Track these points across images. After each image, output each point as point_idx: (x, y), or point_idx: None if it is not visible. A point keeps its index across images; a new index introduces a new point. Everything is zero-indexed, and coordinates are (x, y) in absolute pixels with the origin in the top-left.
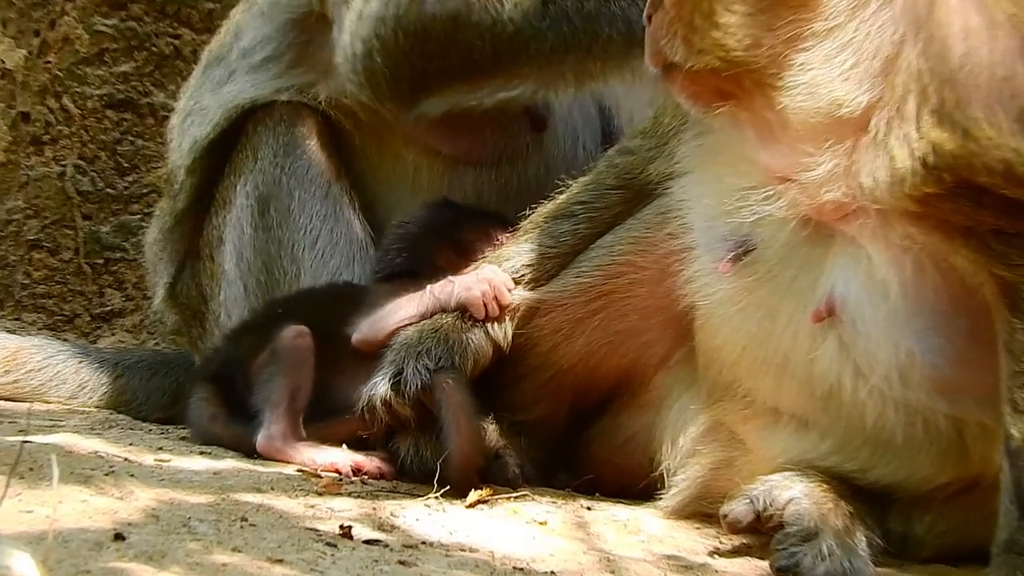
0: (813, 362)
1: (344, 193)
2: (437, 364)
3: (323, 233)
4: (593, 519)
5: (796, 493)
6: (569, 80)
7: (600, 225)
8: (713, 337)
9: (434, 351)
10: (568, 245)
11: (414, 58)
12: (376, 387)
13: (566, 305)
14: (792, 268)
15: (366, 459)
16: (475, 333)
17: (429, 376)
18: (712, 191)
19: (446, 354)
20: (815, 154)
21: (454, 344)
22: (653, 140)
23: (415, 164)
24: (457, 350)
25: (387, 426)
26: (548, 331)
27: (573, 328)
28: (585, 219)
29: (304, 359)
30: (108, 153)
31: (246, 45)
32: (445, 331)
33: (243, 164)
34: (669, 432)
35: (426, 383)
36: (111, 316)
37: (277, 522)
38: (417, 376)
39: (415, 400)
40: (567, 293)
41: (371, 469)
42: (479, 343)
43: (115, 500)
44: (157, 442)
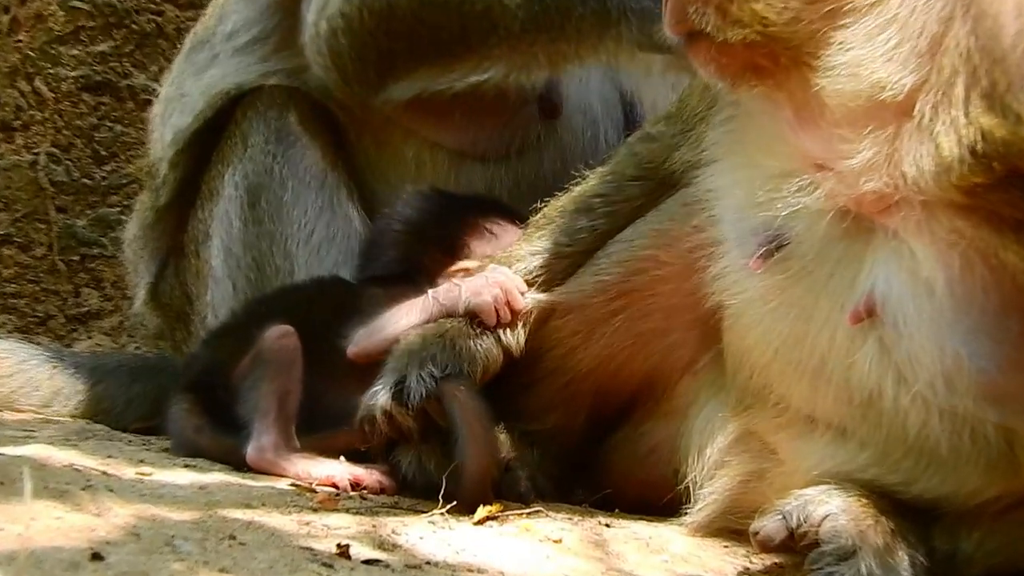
0: (851, 367)
1: (341, 184)
2: (444, 372)
3: (319, 227)
4: (612, 537)
5: (833, 508)
6: (542, 62)
7: (620, 220)
8: (742, 339)
9: (440, 358)
10: (585, 243)
11: (380, 38)
12: (376, 396)
13: (584, 306)
14: (829, 264)
15: (365, 472)
16: (485, 340)
17: (435, 384)
18: (742, 180)
19: (453, 361)
20: (854, 140)
21: (462, 351)
22: (678, 126)
23: (417, 159)
24: (465, 357)
25: (387, 438)
26: (565, 334)
27: (592, 330)
28: (604, 214)
29: (291, 361)
30: (84, 140)
31: (230, 28)
32: (451, 337)
33: (232, 152)
34: (695, 442)
35: (431, 392)
36: (88, 317)
37: (268, 540)
38: (421, 384)
39: (419, 410)
40: (585, 293)
41: (371, 483)
42: (489, 350)
43: (92, 517)
44: (138, 454)
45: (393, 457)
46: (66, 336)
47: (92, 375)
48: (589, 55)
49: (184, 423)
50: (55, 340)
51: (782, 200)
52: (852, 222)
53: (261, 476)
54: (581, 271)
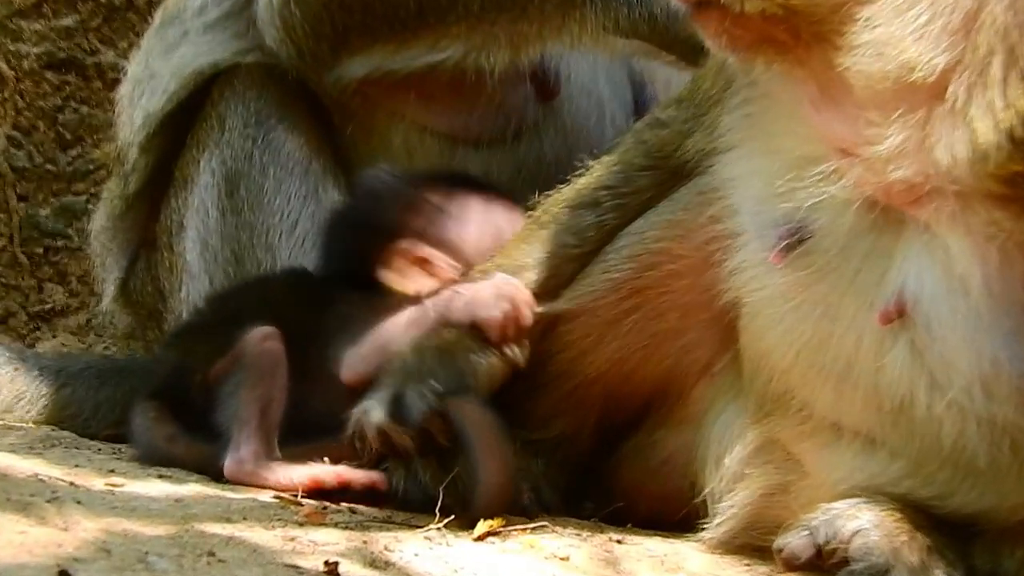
0: (880, 371)
1: (327, 170)
2: (447, 388)
3: (303, 216)
4: (624, 554)
5: (864, 523)
6: (502, 43)
7: (630, 213)
8: (760, 339)
9: (440, 373)
10: (594, 241)
11: (334, 11)
12: (370, 413)
13: (595, 307)
14: (855, 260)
15: (353, 472)
16: (488, 354)
17: (436, 401)
18: (761, 168)
19: (455, 377)
20: (882, 125)
21: (464, 366)
22: (690, 110)
23: (406, 145)
24: (468, 372)
25: (379, 454)
26: (574, 337)
27: (603, 332)
28: (612, 207)
29: (275, 366)
30: (47, 122)
31: (199, 2)
32: (451, 351)
33: (208, 136)
34: (712, 451)
35: (433, 408)
36: (52, 315)
37: (250, 557)
38: (423, 401)
39: (419, 429)
40: (595, 293)
41: (360, 482)
42: (493, 364)
43: (59, 531)
44: (107, 463)
45: (384, 469)
46: (28, 335)
47: (57, 378)
48: (552, 37)
49: (154, 432)
50: (17, 340)
51: (804, 189)
52: (880, 214)
53: (242, 488)
54: (590, 269)
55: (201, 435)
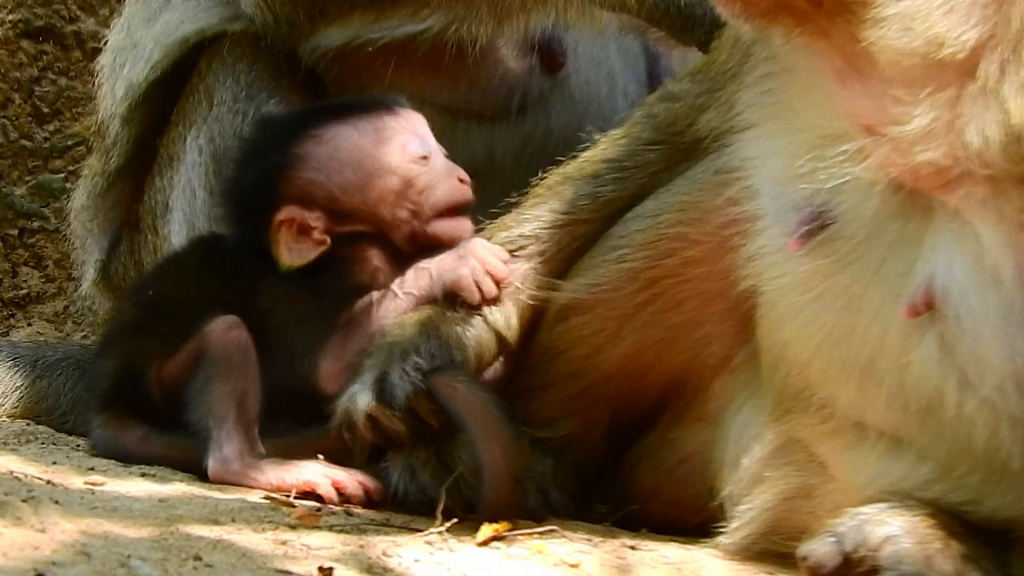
0: (907, 367)
1: None
2: (432, 364)
3: None
4: (638, 561)
5: (894, 530)
6: (484, 14)
7: (631, 187)
8: (778, 331)
9: (424, 348)
10: (587, 211)
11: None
12: (355, 398)
13: (609, 300)
14: (881, 248)
15: (347, 476)
16: (472, 322)
17: (422, 379)
18: (782, 148)
19: (441, 350)
20: (909, 104)
21: (448, 337)
22: (705, 84)
23: None
24: (454, 344)
25: (372, 445)
26: (587, 332)
27: (619, 327)
28: (611, 180)
29: (244, 356)
30: (23, 95)
31: None
32: (434, 322)
33: (195, 110)
34: (730, 452)
35: (418, 387)
36: (27, 302)
37: (239, 562)
38: (406, 379)
39: (406, 410)
40: (608, 285)
41: (354, 489)
42: (479, 335)
43: (36, 533)
44: (87, 461)
45: (381, 466)
46: (2, 323)
47: (33, 368)
48: (537, 9)
49: (122, 440)
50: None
51: (827, 171)
52: (908, 199)
53: (230, 487)
54: (601, 257)
55: (174, 431)
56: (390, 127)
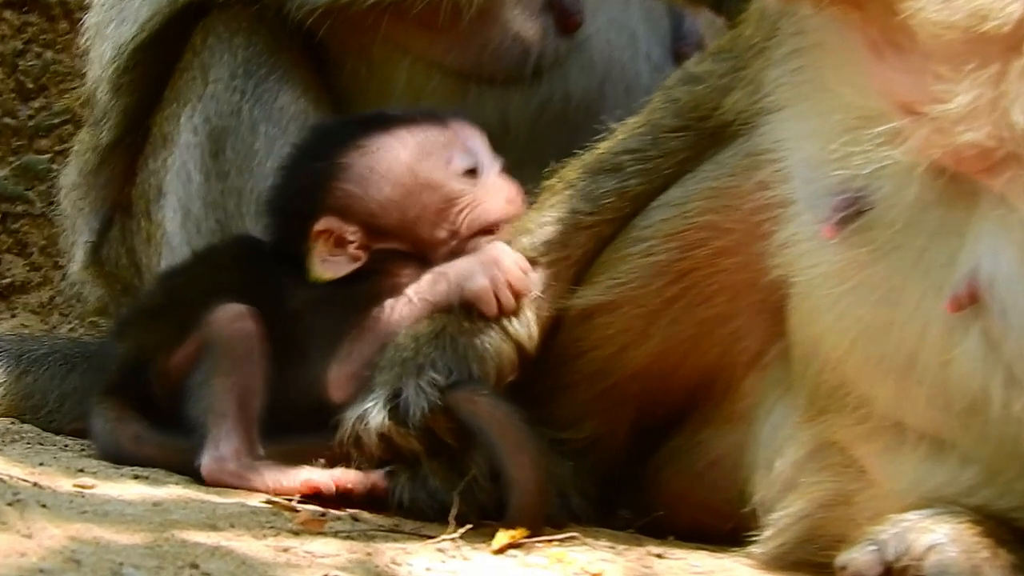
0: (949, 364)
1: None
2: (449, 379)
3: None
4: (664, 570)
5: (940, 538)
6: None
7: (657, 179)
8: (811, 324)
9: (440, 362)
10: (612, 209)
11: None
12: (368, 416)
13: (637, 296)
14: (921, 236)
15: (353, 475)
16: (491, 333)
17: (439, 396)
18: (815, 130)
19: (458, 365)
20: (950, 81)
21: (466, 350)
22: (729, 62)
23: (411, 83)
24: (472, 357)
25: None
26: (613, 331)
27: (647, 324)
28: (636, 172)
29: (249, 349)
30: (6, 70)
31: None
32: (450, 334)
33: (189, 88)
34: (762, 454)
35: (436, 405)
36: (11, 291)
37: (238, 570)
38: (422, 396)
39: (423, 429)
40: (635, 281)
41: (362, 489)
42: (499, 346)
43: (22, 538)
44: (76, 462)
45: (388, 472)
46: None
47: (17, 363)
48: None
49: (117, 434)
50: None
51: (863, 153)
52: (950, 183)
53: (228, 491)
54: (626, 250)
55: (172, 430)
56: (436, 141)
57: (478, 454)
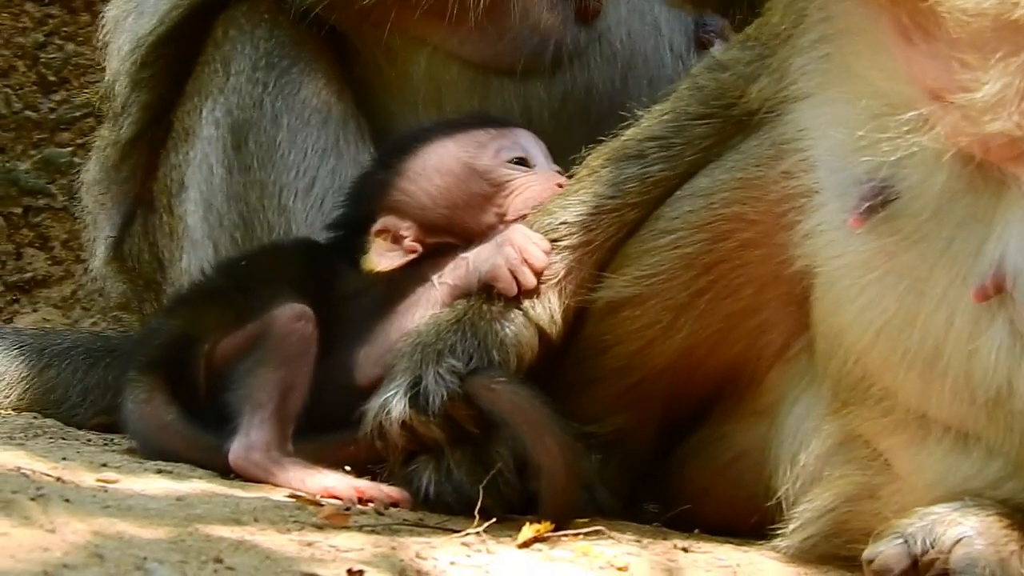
0: (974, 355)
1: (349, 118)
2: (468, 365)
3: (321, 173)
4: (690, 563)
5: (967, 530)
6: None
7: (681, 166)
8: (835, 314)
9: (460, 348)
10: (635, 194)
11: None
12: (389, 404)
13: (665, 290)
14: (948, 226)
15: (374, 487)
16: (511, 317)
17: (459, 383)
18: (841, 118)
19: (479, 350)
20: (978, 69)
21: (486, 335)
22: (755, 50)
23: (431, 75)
24: (492, 343)
25: (404, 451)
26: (640, 325)
27: (674, 318)
28: (659, 159)
29: (303, 350)
30: (27, 63)
31: None
32: (471, 319)
33: (211, 81)
34: (787, 448)
35: (456, 392)
36: (32, 285)
37: (262, 565)
38: (441, 384)
39: (443, 416)
40: (663, 274)
41: (382, 501)
42: (519, 331)
43: (45, 533)
44: (99, 456)
45: (412, 468)
46: (6, 309)
47: (40, 358)
48: None
49: (146, 417)
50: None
51: (890, 141)
52: (977, 172)
53: (252, 485)
54: (653, 243)
55: (202, 419)
56: (488, 135)
57: (503, 446)
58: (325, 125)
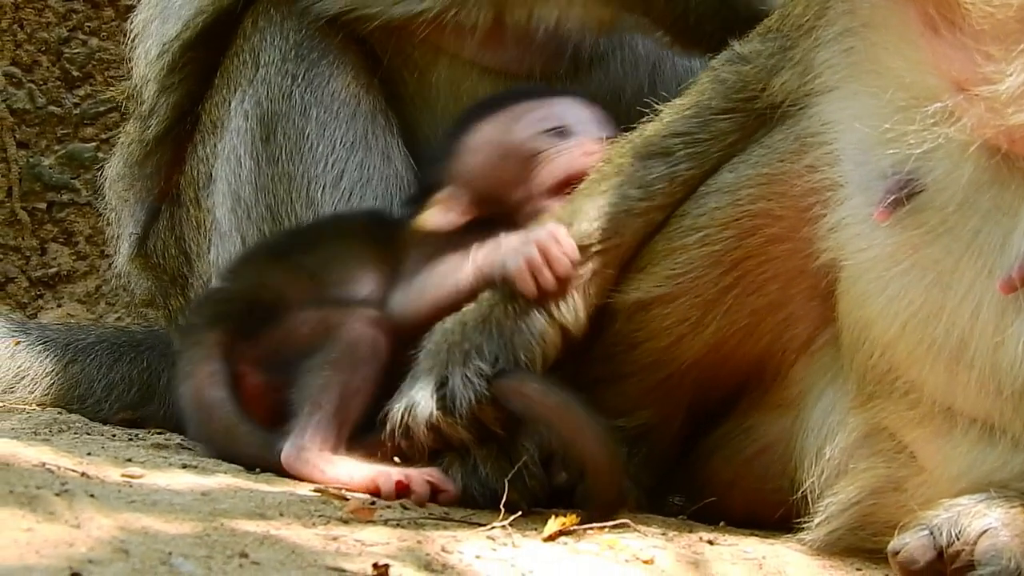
0: (1000, 348)
1: (377, 111)
2: (495, 367)
3: (350, 166)
4: (716, 556)
5: (992, 522)
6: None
7: (707, 162)
8: (861, 307)
9: (487, 349)
10: (664, 195)
11: None
12: (415, 404)
13: (693, 288)
14: (974, 218)
15: (416, 473)
16: (535, 316)
17: (486, 386)
18: (866, 111)
19: (504, 351)
20: (1002, 60)
21: (512, 336)
22: (777, 42)
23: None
24: (518, 344)
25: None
26: (669, 323)
27: (703, 315)
28: (686, 157)
29: (371, 356)
30: (52, 57)
31: None
32: (497, 319)
33: (239, 73)
34: (812, 440)
35: (483, 396)
36: (57, 281)
37: (288, 559)
38: (469, 387)
39: (471, 418)
40: (693, 272)
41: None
42: (543, 331)
43: (70, 529)
44: (124, 451)
45: (440, 462)
46: (30, 304)
47: (64, 353)
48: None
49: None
50: (16, 309)
51: (916, 133)
52: (1003, 165)
53: (277, 479)
54: (681, 241)
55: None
56: (531, 107)
57: (528, 440)
58: (353, 118)
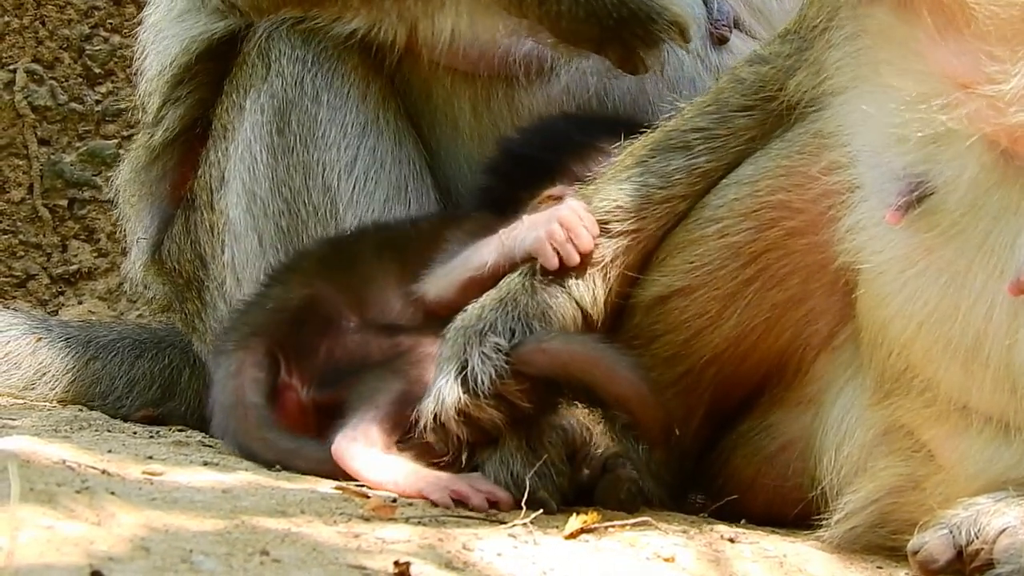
0: (1013, 347)
1: (388, 95)
2: (512, 340)
3: (362, 151)
4: (737, 554)
5: (1011, 520)
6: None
7: (726, 157)
8: (878, 308)
9: (501, 324)
10: (682, 185)
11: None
12: (442, 394)
13: (712, 280)
14: (985, 219)
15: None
16: (553, 292)
17: (505, 359)
18: (876, 114)
19: (519, 323)
20: (1006, 61)
21: (527, 307)
22: (795, 44)
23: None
24: (534, 314)
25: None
26: (689, 315)
27: (723, 308)
28: (704, 151)
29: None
30: (73, 54)
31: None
32: (514, 295)
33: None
34: (831, 438)
35: (503, 369)
36: (78, 278)
37: (309, 557)
38: (488, 363)
39: (495, 396)
40: (711, 264)
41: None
42: (562, 306)
43: (91, 526)
44: (145, 448)
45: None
46: (51, 301)
47: (85, 350)
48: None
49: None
50: (37, 306)
51: (923, 136)
52: (1010, 165)
53: (298, 477)
54: (701, 235)
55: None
56: None
57: (555, 434)
58: (363, 101)
